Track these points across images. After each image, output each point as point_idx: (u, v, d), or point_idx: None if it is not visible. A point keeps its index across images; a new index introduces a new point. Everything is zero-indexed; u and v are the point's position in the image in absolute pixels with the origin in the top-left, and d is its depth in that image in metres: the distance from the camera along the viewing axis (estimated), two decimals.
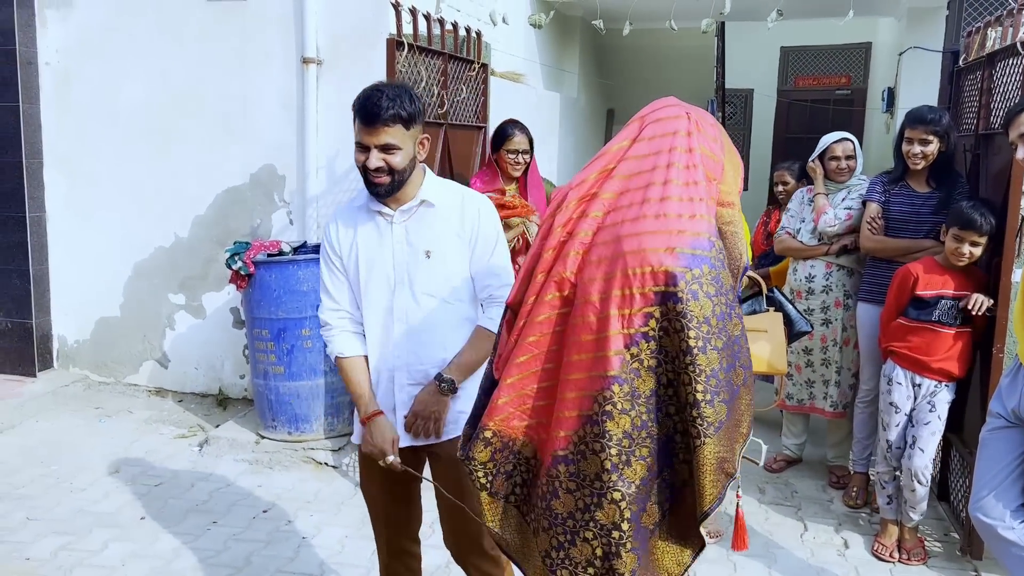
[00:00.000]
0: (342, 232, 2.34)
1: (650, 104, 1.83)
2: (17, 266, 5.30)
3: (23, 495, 3.93)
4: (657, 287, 1.59)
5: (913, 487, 3.41)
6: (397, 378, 2.37)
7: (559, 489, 1.67)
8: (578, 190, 1.75)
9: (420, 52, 4.01)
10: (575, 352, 1.65)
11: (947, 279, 3.40)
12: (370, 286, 2.32)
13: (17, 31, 5.12)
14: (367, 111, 2.22)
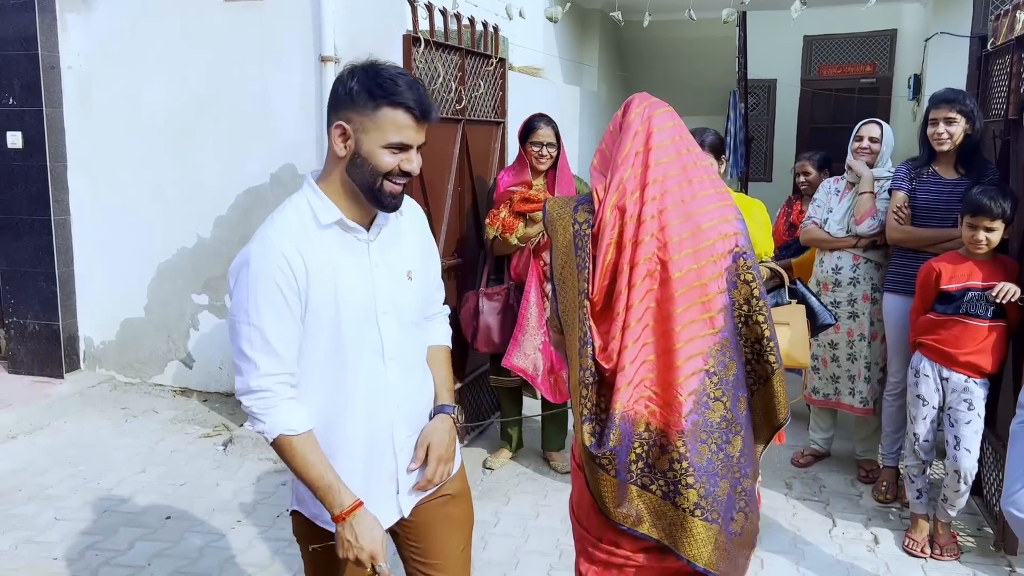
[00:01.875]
0: (309, 262, 1.75)
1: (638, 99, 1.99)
2: (43, 269, 5.36)
3: (51, 495, 3.97)
4: (729, 249, 1.87)
5: (958, 488, 3.33)
6: (397, 434, 1.92)
7: (694, 442, 1.85)
8: (628, 183, 1.89)
9: (437, 48, 3.99)
10: (686, 320, 1.85)
11: (973, 270, 3.31)
12: (352, 325, 1.81)
13: (39, 36, 5.17)
14: (423, 102, 1.76)
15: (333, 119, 1.77)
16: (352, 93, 1.73)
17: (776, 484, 4.05)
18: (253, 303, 1.72)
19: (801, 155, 4.98)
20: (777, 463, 4.29)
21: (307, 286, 1.75)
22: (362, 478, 1.86)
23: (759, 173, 10.39)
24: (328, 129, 1.78)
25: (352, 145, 1.75)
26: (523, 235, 3.95)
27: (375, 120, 1.73)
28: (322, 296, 1.77)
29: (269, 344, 1.74)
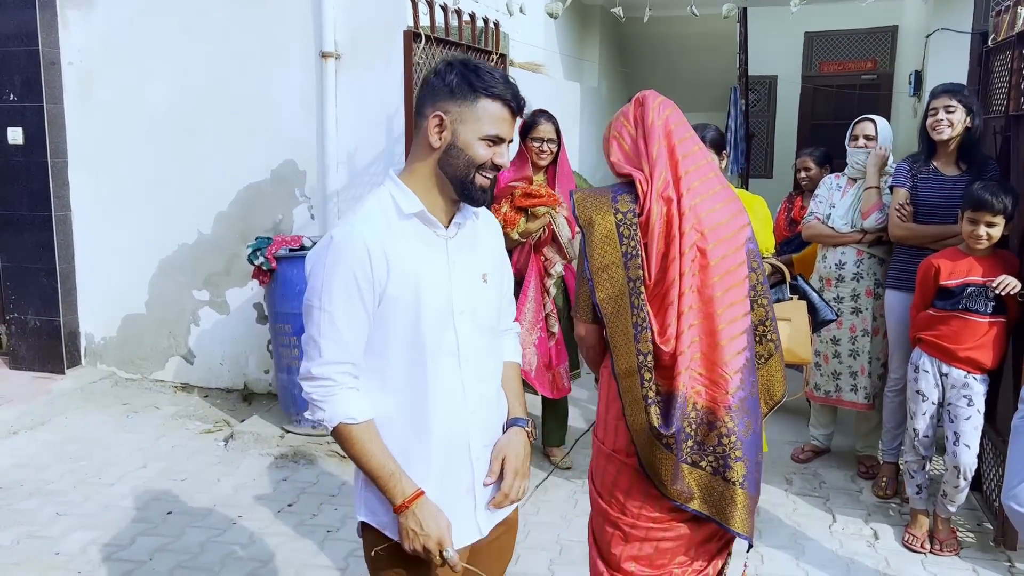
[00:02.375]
0: (390, 254, 1.70)
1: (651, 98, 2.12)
2: (44, 265, 5.37)
3: (53, 491, 3.98)
4: (745, 239, 2.07)
5: (957, 483, 3.33)
6: (473, 443, 1.84)
7: (741, 417, 2.03)
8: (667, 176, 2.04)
9: (437, 44, 3.98)
10: (726, 303, 2.02)
11: (972, 265, 3.31)
12: (431, 321, 1.75)
13: (40, 32, 5.17)
14: (519, 97, 1.77)
15: (429, 110, 1.74)
16: (452, 85, 1.72)
17: (776, 480, 4.06)
18: (328, 289, 1.69)
19: (802, 151, 4.98)
20: (777, 459, 4.30)
21: (386, 279, 1.70)
22: (437, 490, 1.78)
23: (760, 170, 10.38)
24: (420, 121, 1.77)
25: (448, 136, 1.73)
26: (524, 230, 3.95)
27: (474, 111, 1.72)
28: (402, 289, 1.72)
29: (337, 331, 1.69)
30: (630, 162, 2.10)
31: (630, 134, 2.11)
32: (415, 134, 1.80)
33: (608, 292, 2.02)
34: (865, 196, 3.95)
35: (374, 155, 4.89)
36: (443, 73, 1.75)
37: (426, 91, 1.77)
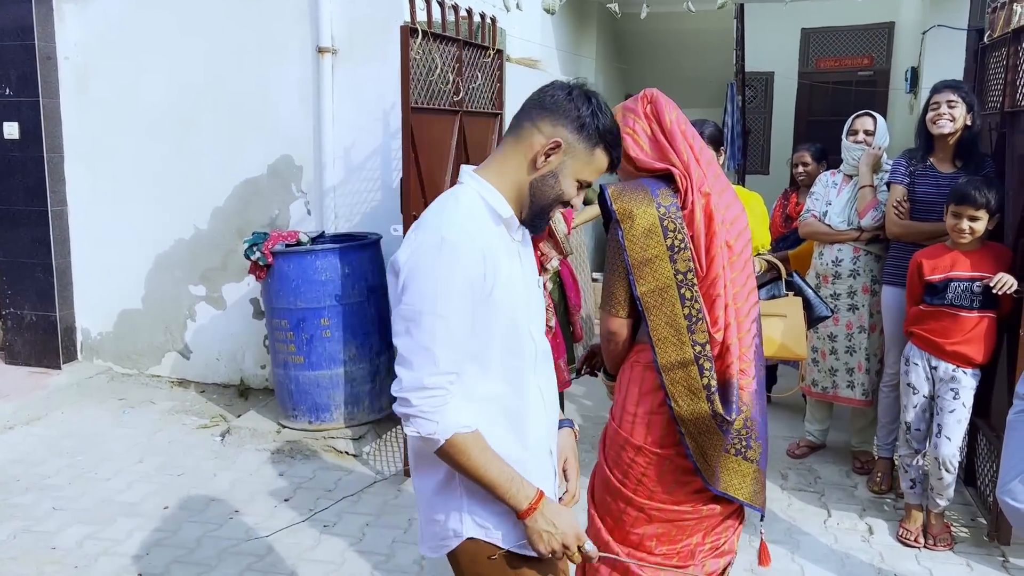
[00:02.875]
0: (496, 258, 1.66)
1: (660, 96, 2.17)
2: (40, 259, 5.36)
3: (49, 485, 3.98)
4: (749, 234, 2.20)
5: (940, 475, 3.36)
6: (552, 448, 1.86)
7: (759, 400, 2.16)
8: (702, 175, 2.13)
9: (434, 39, 3.98)
10: (746, 293, 2.13)
11: (955, 261, 3.34)
12: (522, 328, 1.73)
13: (35, 26, 5.16)
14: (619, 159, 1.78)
15: (548, 129, 1.68)
16: (584, 120, 1.68)
17: (772, 475, 4.07)
18: (444, 293, 1.58)
19: (799, 146, 4.98)
20: (773, 454, 4.31)
21: (493, 282, 1.64)
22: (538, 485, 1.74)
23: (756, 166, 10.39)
24: (529, 130, 1.70)
25: (555, 164, 1.69)
26: None
27: (589, 154, 1.71)
28: (504, 293, 1.67)
29: (452, 339, 1.61)
30: (655, 158, 2.12)
31: (646, 131, 2.14)
32: (514, 138, 1.72)
33: (651, 285, 2.04)
34: (860, 195, 3.95)
35: (371, 150, 4.88)
36: (577, 101, 1.69)
37: (551, 107, 1.69)
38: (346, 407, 4.49)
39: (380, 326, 4.61)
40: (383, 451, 4.40)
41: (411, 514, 3.70)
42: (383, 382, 4.65)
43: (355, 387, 4.49)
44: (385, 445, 4.47)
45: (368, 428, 4.55)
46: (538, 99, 1.72)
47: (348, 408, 4.50)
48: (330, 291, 4.36)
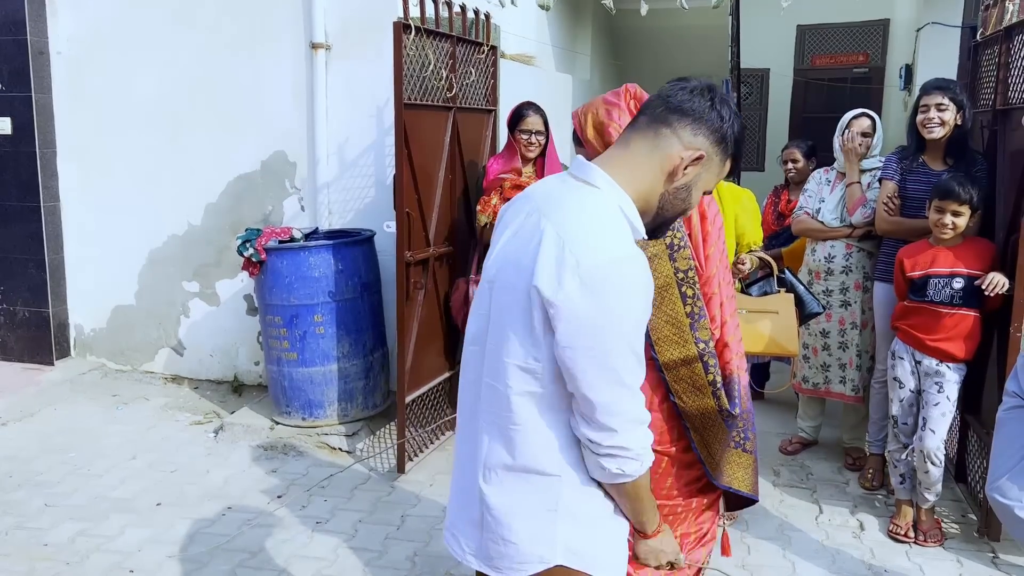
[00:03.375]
0: None
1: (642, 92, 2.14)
2: (33, 255, 5.35)
3: (41, 482, 3.97)
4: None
5: (926, 468, 3.38)
6: None
7: (748, 393, 2.21)
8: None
9: (428, 35, 3.97)
10: (728, 290, 2.16)
11: (935, 257, 3.37)
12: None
13: (28, 21, 5.14)
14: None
15: (691, 139, 1.54)
16: (726, 134, 1.57)
17: (764, 471, 4.08)
18: (633, 322, 1.46)
19: (789, 142, 4.97)
20: (765, 451, 4.32)
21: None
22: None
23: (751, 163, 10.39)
24: (667, 136, 1.55)
25: (692, 176, 1.57)
26: None
27: (721, 166, 1.60)
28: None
29: (641, 367, 1.51)
30: None
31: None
32: (650, 143, 1.55)
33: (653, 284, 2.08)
34: (848, 192, 3.97)
35: (364, 147, 4.88)
36: (720, 109, 1.56)
37: (692, 113, 1.55)
38: (340, 404, 4.49)
39: (374, 322, 4.61)
40: (376, 448, 4.40)
41: (404, 510, 3.71)
42: (376, 378, 4.66)
43: (349, 384, 4.49)
44: (378, 442, 4.47)
45: (362, 425, 4.55)
46: (678, 103, 1.55)
47: (342, 405, 4.50)
48: (324, 287, 4.35)
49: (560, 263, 1.42)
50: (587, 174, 1.55)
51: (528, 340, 1.47)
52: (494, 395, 1.55)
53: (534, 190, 1.63)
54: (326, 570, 3.24)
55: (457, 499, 1.69)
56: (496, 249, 1.60)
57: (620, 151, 1.59)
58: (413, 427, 4.16)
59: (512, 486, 1.58)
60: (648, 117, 1.57)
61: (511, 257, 1.52)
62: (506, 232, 1.59)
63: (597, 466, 1.52)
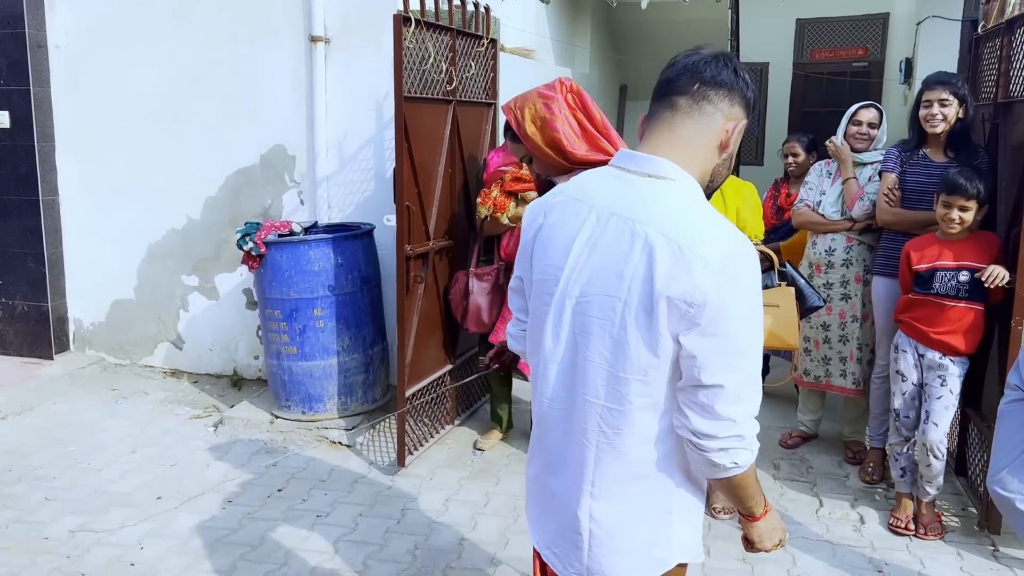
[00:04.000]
0: None
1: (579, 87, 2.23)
2: (32, 249, 5.34)
3: (41, 476, 3.97)
4: None
5: (928, 462, 3.38)
6: None
7: None
8: None
9: (428, 28, 3.96)
10: None
11: (942, 250, 3.37)
12: None
13: (26, 14, 5.12)
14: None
15: (729, 110, 1.54)
16: (750, 98, 1.58)
17: (764, 465, 4.08)
18: (759, 305, 1.47)
19: (789, 136, 4.96)
20: (765, 444, 4.32)
21: None
22: None
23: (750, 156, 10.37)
24: (715, 115, 1.54)
25: (735, 144, 1.58)
26: (514, 215, 3.95)
27: (742, 129, 1.58)
28: None
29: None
30: (589, 150, 2.14)
31: (570, 121, 2.15)
32: (695, 120, 1.54)
33: None
34: (845, 187, 3.97)
35: (364, 140, 4.87)
36: (744, 76, 1.56)
37: (725, 84, 1.53)
38: (339, 398, 4.49)
39: (373, 316, 4.61)
40: (376, 442, 4.40)
41: (404, 504, 3.71)
42: (376, 372, 4.65)
43: (348, 377, 4.49)
44: (378, 435, 4.47)
45: (361, 419, 4.55)
46: (711, 77, 1.52)
47: (341, 399, 4.49)
48: (323, 281, 4.35)
49: (688, 266, 1.40)
50: (654, 167, 1.51)
51: (644, 349, 1.45)
52: (599, 411, 1.52)
53: (589, 192, 1.57)
54: (326, 563, 3.24)
55: (553, 523, 1.66)
56: (562, 261, 1.54)
57: (667, 136, 1.54)
58: (413, 421, 4.15)
59: (627, 496, 1.57)
60: (688, 98, 1.53)
61: (602, 269, 1.48)
62: (576, 242, 1.53)
63: (707, 463, 1.49)
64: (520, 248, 1.70)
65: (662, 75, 1.58)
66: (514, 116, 2.18)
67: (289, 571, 3.19)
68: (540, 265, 1.59)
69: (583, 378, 1.53)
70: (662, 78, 1.57)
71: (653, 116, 1.57)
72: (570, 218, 1.55)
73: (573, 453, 1.58)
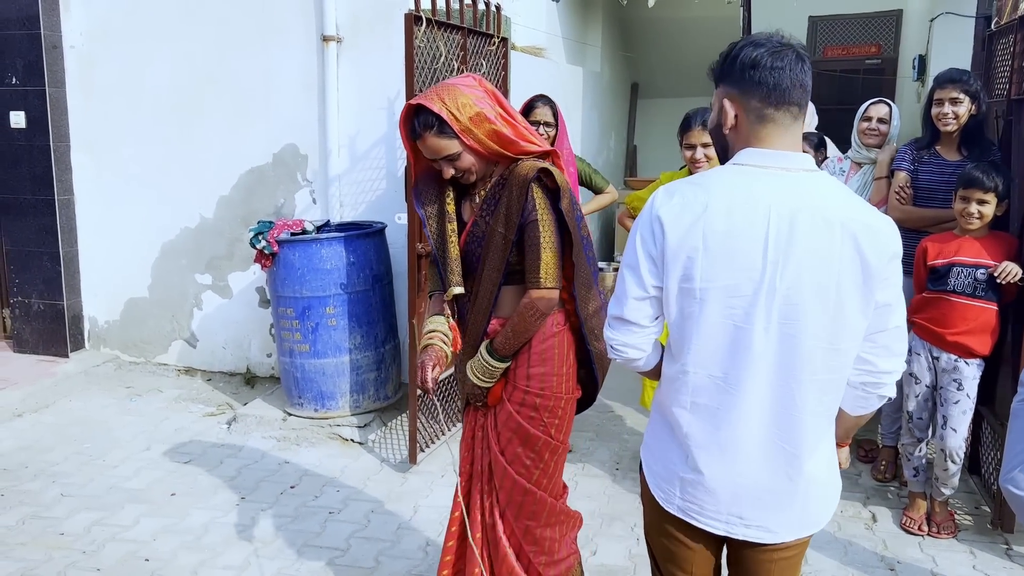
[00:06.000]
0: None
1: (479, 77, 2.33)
2: (48, 248, 5.39)
3: (57, 472, 4.01)
4: None
5: (946, 466, 3.36)
6: None
7: None
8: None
9: (439, 27, 3.97)
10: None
11: (961, 246, 3.33)
12: None
13: (42, 15, 5.17)
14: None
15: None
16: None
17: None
18: None
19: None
20: None
21: None
22: None
23: None
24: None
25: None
26: None
27: None
28: None
29: None
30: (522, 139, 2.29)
31: (500, 116, 2.28)
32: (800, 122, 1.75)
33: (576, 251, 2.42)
34: (875, 187, 3.95)
35: (376, 139, 4.89)
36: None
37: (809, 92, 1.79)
38: (351, 395, 4.51)
39: (385, 314, 4.63)
40: (388, 439, 4.42)
41: (416, 501, 3.72)
42: (388, 370, 4.67)
43: (360, 375, 4.51)
44: (390, 433, 4.49)
45: (373, 416, 4.57)
46: (809, 86, 1.75)
47: (353, 396, 4.52)
48: (335, 279, 4.37)
49: (875, 238, 1.65)
50: (804, 163, 1.69)
51: (860, 317, 1.67)
52: (820, 385, 1.69)
53: (750, 193, 1.65)
54: (339, 560, 3.26)
55: (749, 492, 1.77)
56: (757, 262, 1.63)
57: (792, 138, 1.70)
58: (425, 418, 4.17)
59: (827, 452, 1.82)
60: (800, 108, 1.70)
61: (809, 259, 1.62)
62: (769, 242, 1.62)
63: (877, 399, 1.78)
64: (649, 259, 1.73)
65: (769, 71, 1.68)
66: (448, 112, 2.20)
67: (301, 567, 3.21)
68: (721, 272, 1.65)
69: (799, 361, 1.66)
70: (772, 81, 1.67)
71: (773, 121, 1.68)
72: (746, 222, 1.63)
73: (786, 430, 1.72)
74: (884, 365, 1.73)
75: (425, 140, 2.26)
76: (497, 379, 2.39)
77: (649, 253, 1.71)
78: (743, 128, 1.71)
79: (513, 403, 2.38)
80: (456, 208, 2.42)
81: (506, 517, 2.44)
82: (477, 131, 2.22)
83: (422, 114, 2.24)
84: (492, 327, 2.39)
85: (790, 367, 1.66)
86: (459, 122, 2.20)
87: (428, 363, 2.37)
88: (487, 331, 2.39)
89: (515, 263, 2.32)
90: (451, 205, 2.41)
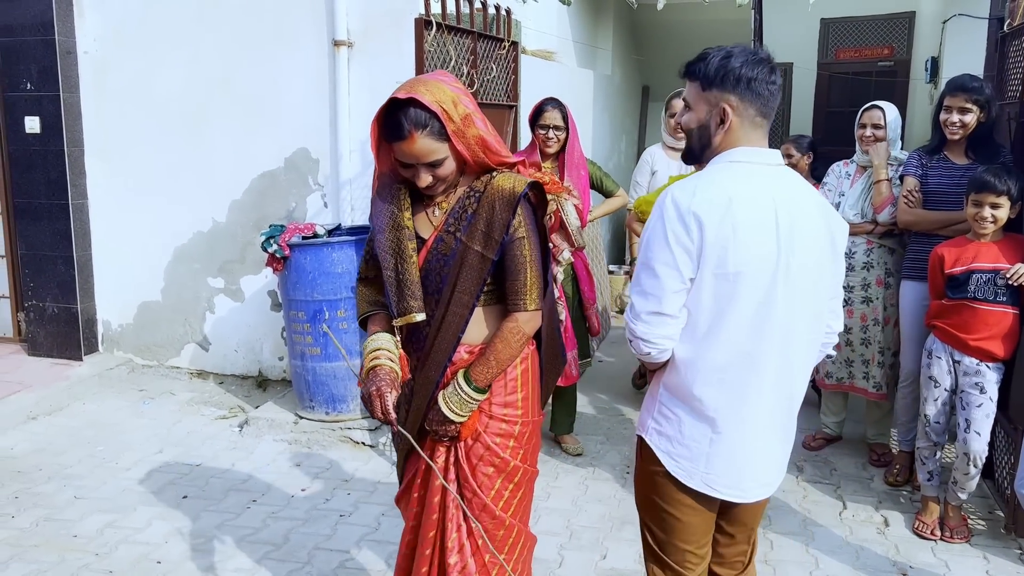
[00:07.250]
0: None
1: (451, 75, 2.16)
2: (62, 252, 5.43)
3: (70, 475, 4.04)
4: None
5: (967, 470, 3.33)
6: None
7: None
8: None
9: (449, 31, 3.99)
10: None
11: (977, 252, 3.29)
12: None
13: (56, 21, 5.21)
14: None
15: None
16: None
17: (787, 467, 4.05)
18: None
19: (787, 137, 4.96)
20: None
21: None
22: None
23: None
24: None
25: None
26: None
27: None
28: None
29: None
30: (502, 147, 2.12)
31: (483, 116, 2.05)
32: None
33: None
34: (876, 190, 3.93)
35: None
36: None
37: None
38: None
39: None
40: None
41: None
42: None
43: None
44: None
45: None
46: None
47: None
48: (347, 283, 4.38)
49: (834, 217, 1.97)
50: (778, 158, 1.93)
51: (833, 281, 2.00)
52: (806, 346, 1.97)
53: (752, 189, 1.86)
54: (349, 563, 3.27)
55: (763, 455, 2.02)
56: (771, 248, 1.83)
57: (763, 135, 1.92)
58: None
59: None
60: (773, 110, 1.93)
61: (807, 240, 1.87)
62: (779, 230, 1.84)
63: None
64: (685, 252, 1.83)
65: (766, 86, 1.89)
66: (443, 109, 1.92)
67: (312, 570, 3.22)
68: (749, 257, 1.82)
69: (797, 331, 1.91)
70: (768, 95, 1.89)
71: (761, 127, 1.91)
72: (758, 214, 1.82)
73: (787, 396, 1.98)
74: (836, 325, 2.05)
75: (412, 141, 1.94)
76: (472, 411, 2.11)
77: (685, 247, 1.82)
78: (735, 131, 1.88)
79: (490, 434, 2.15)
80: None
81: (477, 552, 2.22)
82: (467, 134, 1.97)
83: (412, 111, 1.93)
84: (458, 356, 2.11)
85: (791, 338, 1.90)
86: (454, 122, 1.94)
87: (385, 389, 2.03)
88: (451, 360, 2.11)
89: (489, 284, 2.08)
90: (408, 219, 2.09)
